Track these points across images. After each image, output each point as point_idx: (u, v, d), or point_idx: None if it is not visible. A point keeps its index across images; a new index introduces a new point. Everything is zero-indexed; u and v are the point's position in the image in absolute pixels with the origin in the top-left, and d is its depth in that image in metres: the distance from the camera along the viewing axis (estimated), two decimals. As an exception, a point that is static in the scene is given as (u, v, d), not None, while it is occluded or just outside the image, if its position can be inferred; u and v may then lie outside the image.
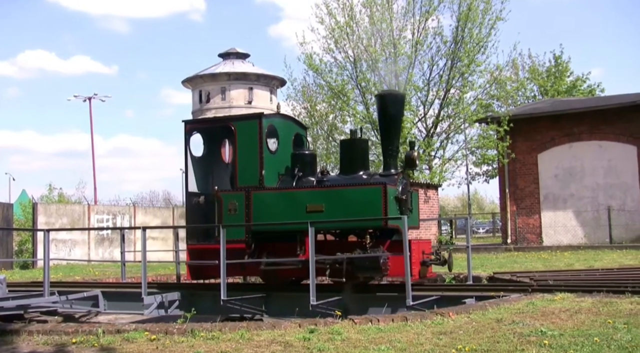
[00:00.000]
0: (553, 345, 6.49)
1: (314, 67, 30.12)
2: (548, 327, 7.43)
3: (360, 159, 12.48)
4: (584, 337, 6.80)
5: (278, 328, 7.99)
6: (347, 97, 29.81)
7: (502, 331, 7.31)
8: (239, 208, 12.17)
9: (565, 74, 46.62)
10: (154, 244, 29.12)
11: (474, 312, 8.72)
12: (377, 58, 28.64)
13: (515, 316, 8.28)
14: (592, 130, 28.29)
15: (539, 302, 9.45)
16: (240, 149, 12.41)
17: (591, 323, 7.60)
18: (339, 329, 7.69)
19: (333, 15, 29.62)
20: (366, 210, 11.32)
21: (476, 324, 7.85)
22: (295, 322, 8.32)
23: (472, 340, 6.90)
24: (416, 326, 7.88)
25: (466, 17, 28.58)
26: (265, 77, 58.48)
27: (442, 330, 7.52)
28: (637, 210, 26.96)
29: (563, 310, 8.67)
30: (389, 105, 12.28)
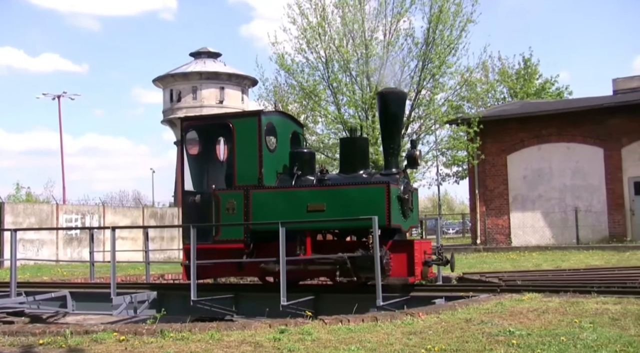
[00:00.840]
0: (521, 344, 6.56)
1: (286, 67, 30.07)
2: (516, 326, 7.50)
3: (360, 158, 12.33)
4: (551, 336, 6.89)
5: (248, 328, 7.97)
6: (318, 98, 29.80)
7: (471, 331, 7.37)
8: (237, 208, 11.98)
9: (534, 77, 47.17)
10: (123, 244, 28.85)
11: (444, 312, 8.78)
12: (348, 59, 28.69)
13: (484, 316, 8.35)
14: (560, 132, 28.66)
15: (507, 302, 9.54)
16: (239, 146, 12.18)
17: (558, 323, 7.70)
18: (309, 329, 7.69)
19: (305, 16, 29.60)
20: (369, 210, 11.13)
21: (445, 324, 7.90)
22: (265, 322, 8.30)
23: (442, 340, 6.94)
24: (386, 326, 7.91)
25: (437, 19, 28.74)
26: (237, 76, 58.34)
27: (411, 330, 7.56)
28: (603, 212, 27.37)
29: (531, 310, 8.77)
30: (391, 104, 12.11)
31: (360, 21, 29.03)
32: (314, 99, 29.81)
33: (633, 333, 6.92)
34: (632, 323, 7.51)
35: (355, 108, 29.31)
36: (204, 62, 58.74)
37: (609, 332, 6.97)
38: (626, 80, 30.52)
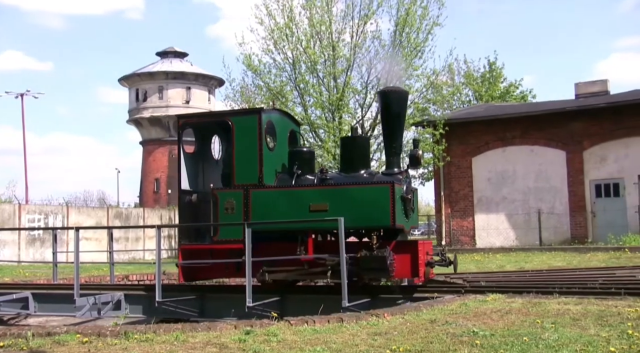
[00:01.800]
0: (484, 345, 6.64)
1: (253, 67, 29.99)
2: (480, 327, 7.59)
3: (361, 157, 12.18)
4: (514, 336, 6.98)
5: (213, 329, 7.94)
6: (285, 99, 29.79)
7: (435, 332, 7.43)
8: (237, 207, 11.74)
9: (499, 80, 47.72)
10: (87, 245, 28.52)
11: (409, 313, 8.84)
12: (316, 60, 28.72)
13: (448, 317, 8.43)
14: (524, 135, 29.04)
15: (471, 303, 9.64)
16: (238, 145, 11.93)
17: (521, 323, 7.80)
18: (274, 330, 7.68)
19: (272, 17, 29.56)
20: (373, 210, 11.08)
21: (410, 325, 7.96)
22: (231, 323, 8.28)
23: (406, 341, 6.99)
24: (352, 327, 7.94)
25: (404, 22, 28.91)
26: (204, 76, 58.03)
27: (377, 331, 7.60)
28: (565, 214, 27.81)
29: (494, 310, 8.87)
30: (393, 103, 11.93)
31: (328, 23, 29.09)
32: (281, 100, 29.78)
33: (593, 333, 7.05)
34: (592, 323, 7.65)
35: (322, 109, 29.35)
36: (171, 61, 58.32)
37: (569, 332, 7.09)
38: (587, 84, 31.05)
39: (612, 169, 27.33)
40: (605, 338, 6.75)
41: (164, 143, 56.42)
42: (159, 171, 56.24)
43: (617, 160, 27.21)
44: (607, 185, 27.48)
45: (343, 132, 29.28)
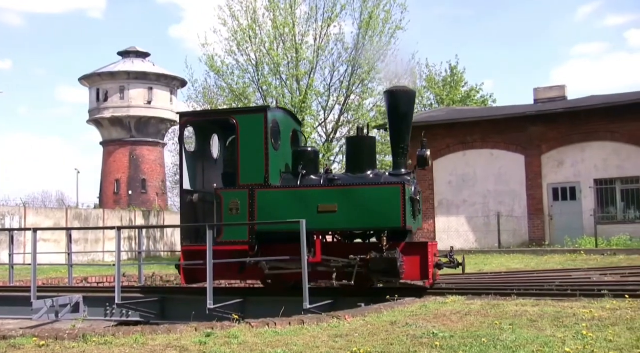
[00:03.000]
0: (444, 346, 6.71)
1: (216, 68, 29.92)
2: (440, 328, 7.66)
3: (368, 158, 12.04)
4: (473, 338, 7.07)
5: (174, 332, 7.88)
6: (248, 100, 29.76)
7: (396, 333, 7.49)
8: (242, 208, 11.50)
9: (460, 84, 48.23)
10: (45, 246, 28.06)
11: (369, 314, 8.89)
12: (279, 62, 28.75)
13: (408, 318, 8.50)
14: (484, 139, 29.40)
15: (431, 305, 9.74)
16: (244, 144, 11.67)
17: (480, 325, 7.90)
18: (235, 333, 7.66)
19: (236, 18, 29.52)
20: (383, 211, 10.96)
21: (371, 327, 8.00)
22: (191, 325, 8.23)
23: (367, 343, 7.03)
24: (313, 329, 7.96)
25: (367, 25, 29.10)
26: (166, 77, 57.52)
27: (338, 333, 7.63)
28: (523, 217, 28.22)
29: (454, 312, 8.97)
30: (401, 102, 11.85)
31: (291, 25, 29.13)
32: (244, 101, 29.74)
33: (549, 333, 7.18)
34: (548, 324, 7.79)
35: (285, 111, 29.26)
36: (132, 61, 57.69)
37: (527, 333, 7.20)
38: (546, 89, 31.56)
39: (569, 173, 27.83)
40: (561, 339, 6.88)
41: (125, 144, 55.79)
42: (120, 172, 55.57)
43: (573, 164, 27.71)
44: (564, 189, 27.98)
45: (306, 134, 29.30)
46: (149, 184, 55.56)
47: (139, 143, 55.86)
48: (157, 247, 37.11)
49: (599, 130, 27.30)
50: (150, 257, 34.06)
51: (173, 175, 58.96)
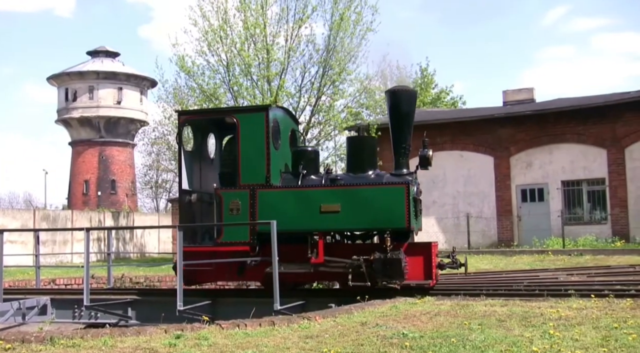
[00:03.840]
0: (414, 346, 6.76)
1: (186, 69, 29.72)
2: (410, 329, 7.71)
3: (369, 158, 11.96)
4: (442, 338, 7.12)
5: (143, 334, 7.83)
6: (219, 101, 29.63)
7: (366, 334, 7.52)
8: (243, 208, 11.36)
9: (430, 86, 48.60)
10: (12, 248, 27.62)
11: (340, 315, 8.91)
12: (250, 63, 28.67)
13: (379, 319, 8.54)
14: (454, 141, 29.65)
15: (401, 306, 9.80)
16: (244, 143, 11.52)
17: (449, 325, 7.97)
18: (205, 334, 7.63)
19: (207, 18, 29.36)
20: (387, 211, 10.90)
21: (342, 328, 8.03)
22: (161, 327, 8.17)
23: (338, 343, 7.06)
24: (283, 330, 7.96)
25: (338, 27, 29.13)
26: (136, 77, 57.05)
27: (308, 334, 7.64)
28: (492, 218, 28.51)
29: (424, 313, 9.04)
30: (402, 102, 11.78)
31: (262, 25, 29.06)
32: (215, 102, 29.61)
33: (517, 333, 7.27)
34: (516, 324, 7.89)
35: (256, 112, 29.20)
36: (102, 61, 57.10)
37: (495, 333, 7.28)
38: (514, 92, 31.93)
39: (537, 174, 28.19)
40: (529, 338, 6.96)
41: (94, 144, 55.21)
42: (89, 173, 54.97)
43: (541, 166, 28.07)
44: (532, 190, 28.33)
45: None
46: (119, 185, 55.07)
47: (108, 143, 55.34)
48: (127, 249, 36.76)
49: (566, 132, 27.71)
50: (120, 259, 33.75)
51: (143, 176, 58.60)
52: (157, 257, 33.71)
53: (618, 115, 26.43)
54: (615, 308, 8.93)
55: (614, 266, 17.03)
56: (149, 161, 56.87)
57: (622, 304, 9.33)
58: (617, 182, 26.52)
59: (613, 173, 26.66)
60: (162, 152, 55.06)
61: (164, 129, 52.18)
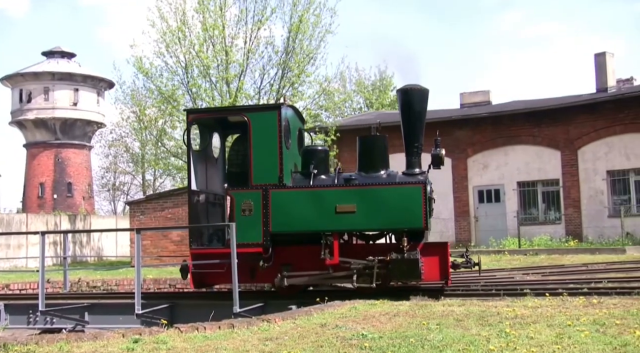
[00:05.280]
0: (373, 347, 6.81)
1: (144, 70, 29.47)
2: (369, 330, 7.77)
3: (381, 157, 11.86)
4: (401, 338, 7.19)
5: (100, 339, 7.73)
6: (177, 103, 29.45)
7: (326, 335, 7.55)
8: (255, 209, 11.09)
9: (389, 88, 48.94)
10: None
11: (300, 317, 8.93)
12: (208, 64, 28.55)
13: (338, 320, 8.58)
14: (412, 142, 29.89)
15: (361, 307, 9.85)
16: (256, 142, 11.25)
17: (408, 326, 8.05)
18: (164, 338, 7.58)
19: (165, 19, 29.15)
20: (404, 211, 10.80)
21: (301, 329, 8.05)
22: (118, 332, 8.08)
23: (297, 345, 7.07)
24: (243, 333, 7.95)
25: (297, 29, 29.19)
26: (93, 78, 56.20)
27: (268, 336, 7.64)
28: (450, 218, 28.85)
29: (383, 313, 9.11)
30: (415, 101, 11.73)
31: (221, 27, 28.97)
32: (173, 103, 29.42)
33: (474, 332, 7.38)
34: (473, 323, 8.00)
35: (215, 114, 29.08)
36: (57, 62, 56.10)
37: (453, 333, 7.38)
38: (471, 94, 32.34)
39: (494, 175, 28.61)
40: (486, 337, 7.07)
41: (50, 146, 54.23)
42: (44, 175, 53.98)
43: (498, 167, 28.50)
44: (489, 191, 28.75)
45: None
46: (75, 188, 54.18)
47: (64, 145, 54.38)
48: (84, 252, 36.23)
49: (521, 134, 28.21)
50: (77, 263, 33.26)
51: (100, 179, 57.81)
52: (115, 261, 33.28)
53: (571, 117, 26.98)
54: (568, 306, 9.13)
55: (567, 265, 17.40)
56: (106, 163, 56.14)
57: (575, 302, 9.54)
58: (570, 183, 27.07)
59: (566, 174, 27.21)
60: (119, 154, 54.48)
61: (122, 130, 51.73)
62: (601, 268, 16.23)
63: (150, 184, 54.07)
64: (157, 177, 52.72)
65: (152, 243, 23.34)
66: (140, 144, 46.82)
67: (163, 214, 23.77)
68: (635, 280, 12.29)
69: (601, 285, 11.32)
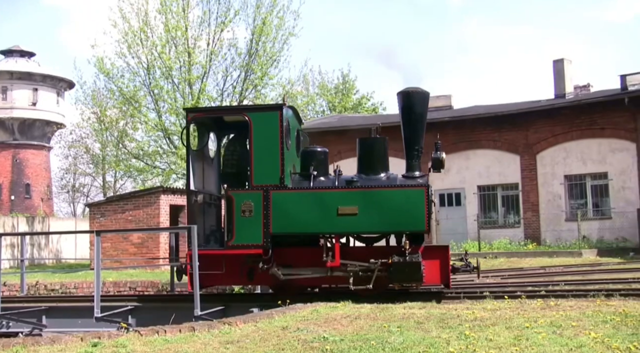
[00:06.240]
0: (334, 350, 6.83)
1: (105, 71, 29.19)
2: (330, 333, 7.78)
3: (381, 160, 11.81)
4: (362, 341, 7.23)
5: (58, 343, 7.62)
6: (139, 104, 29.21)
7: (287, 338, 7.55)
8: (255, 210, 10.91)
9: (351, 92, 49.17)
10: None
11: (261, 320, 8.91)
12: (171, 66, 28.39)
13: (300, 323, 8.58)
14: (375, 146, 30.07)
15: (322, 309, 9.86)
16: (257, 143, 11.10)
17: (369, 328, 8.09)
18: (124, 342, 7.50)
19: (127, 20, 28.92)
20: (407, 214, 10.76)
21: (263, 332, 8.03)
22: (77, 335, 7.98)
23: (259, 348, 7.06)
24: (203, 336, 7.90)
25: (260, 31, 29.20)
26: (52, 78, 55.32)
27: (229, 340, 7.61)
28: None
29: (344, 316, 9.13)
30: (416, 103, 11.73)
31: (184, 28, 28.86)
32: (134, 105, 29.18)
33: (435, 335, 7.45)
34: (434, 325, 8.08)
35: (177, 115, 28.98)
36: (16, 61, 55.08)
37: (414, 335, 7.44)
38: (432, 99, 32.44)
39: (455, 179, 28.88)
40: (446, 339, 7.15)
41: (7, 146, 53.21)
42: (1, 176, 52.94)
43: (459, 171, 28.78)
44: (450, 195, 29.03)
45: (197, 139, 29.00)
46: (34, 189, 53.25)
47: (22, 146, 53.41)
48: (42, 255, 35.63)
49: (482, 139, 28.56)
50: (34, 265, 32.68)
51: (59, 180, 56.99)
52: (74, 263, 32.80)
53: (530, 122, 27.40)
54: (526, 309, 9.27)
55: (526, 268, 17.68)
56: (65, 164, 55.36)
57: (533, 304, 9.69)
58: (529, 187, 27.48)
59: (525, 178, 27.61)
60: (79, 156, 53.78)
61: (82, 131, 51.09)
62: (558, 271, 16.54)
63: (111, 186, 53.51)
64: (117, 178, 52.21)
65: (112, 245, 23.06)
66: (101, 145, 46.35)
67: (124, 216, 23.50)
68: (591, 282, 12.54)
69: (558, 288, 11.53)
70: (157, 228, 22.16)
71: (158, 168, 31.67)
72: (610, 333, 7.19)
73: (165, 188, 23.86)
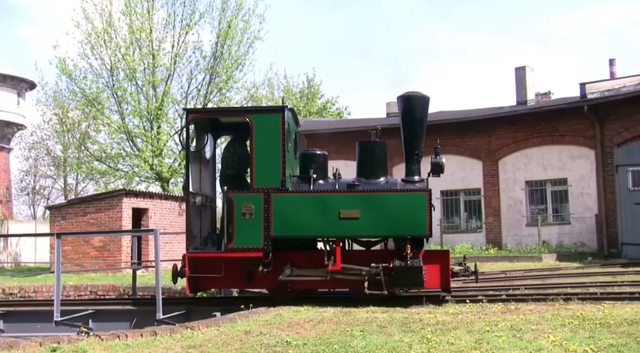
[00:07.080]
0: (297, 353, 6.85)
1: (67, 72, 28.82)
2: (293, 337, 7.79)
3: (381, 164, 11.73)
4: (325, 345, 7.24)
5: (16, 348, 7.49)
6: (102, 106, 28.90)
7: (250, 343, 7.54)
8: (256, 213, 10.77)
9: (317, 96, 49.27)
10: None
11: (224, 324, 8.88)
12: (134, 68, 28.15)
13: (263, 327, 8.57)
14: (339, 150, 30.09)
15: (285, 313, 9.87)
16: (258, 145, 10.96)
17: (332, 332, 8.11)
18: (84, 347, 7.41)
19: (90, 20, 28.61)
20: (409, 218, 10.70)
21: (225, 337, 8.01)
22: (35, 340, 7.86)
23: None
24: (165, 340, 7.85)
25: (226, 34, 29.13)
26: (13, 78, 54.26)
27: (191, 344, 7.57)
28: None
29: (307, 320, 9.15)
30: (416, 108, 11.76)
31: (148, 30, 28.66)
32: (97, 106, 28.87)
33: (397, 338, 7.50)
34: (396, 329, 8.14)
35: (140, 118, 28.77)
36: (-26, 60, 54.14)
37: (377, 339, 7.48)
38: (392, 105, 32.84)
39: (419, 184, 29.07)
40: (408, 343, 7.21)
41: (-33, 148, 52.19)
42: (-37, 178, 51.90)
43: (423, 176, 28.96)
44: (414, 200, 29.21)
45: (161, 142, 28.84)
46: (-8, 191, 52.28)
47: (-20, 147, 52.44)
48: (0, 258, 34.98)
49: (446, 144, 28.73)
50: (-8, 269, 32.07)
51: (19, 182, 55.99)
52: (34, 267, 32.25)
53: (493, 129, 27.75)
54: (487, 313, 9.39)
55: (487, 272, 17.88)
56: (26, 166, 54.43)
57: (494, 308, 9.83)
58: (491, 192, 27.81)
59: (488, 184, 27.95)
60: (40, 157, 52.94)
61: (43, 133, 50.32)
62: (519, 275, 16.78)
63: (72, 188, 52.75)
64: (79, 181, 51.49)
65: (73, 249, 22.74)
66: (63, 147, 45.68)
67: (85, 219, 23.19)
68: (551, 287, 12.75)
69: (519, 292, 11.69)
70: (120, 231, 21.92)
71: (121, 171, 31.37)
72: (569, 336, 7.32)
73: (128, 191, 23.58)
